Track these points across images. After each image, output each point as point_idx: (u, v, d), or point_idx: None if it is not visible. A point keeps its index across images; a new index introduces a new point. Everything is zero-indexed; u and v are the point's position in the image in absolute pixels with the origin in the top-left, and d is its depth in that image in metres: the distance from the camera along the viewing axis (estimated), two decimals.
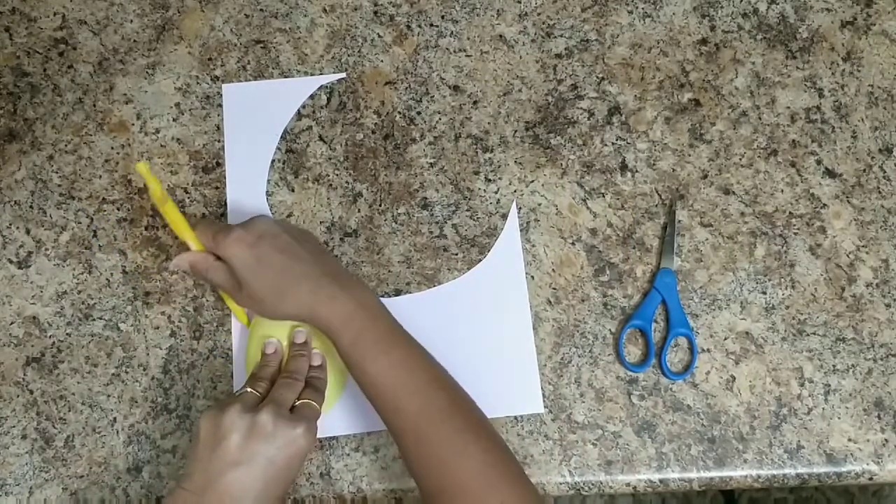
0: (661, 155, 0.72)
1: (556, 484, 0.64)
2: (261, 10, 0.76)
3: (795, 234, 0.70)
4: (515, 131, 0.73)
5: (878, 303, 0.68)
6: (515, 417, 0.65)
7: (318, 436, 0.64)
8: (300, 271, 0.59)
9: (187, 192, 0.71)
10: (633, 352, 0.67)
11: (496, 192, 0.71)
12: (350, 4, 0.77)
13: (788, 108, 0.74)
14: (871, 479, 0.65)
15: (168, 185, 0.71)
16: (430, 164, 0.72)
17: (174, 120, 0.73)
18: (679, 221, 0.70)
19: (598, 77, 0.74)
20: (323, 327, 0.58)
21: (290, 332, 0.64)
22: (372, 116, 0.73)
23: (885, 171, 0.72)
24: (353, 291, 0.59)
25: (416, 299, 0.68)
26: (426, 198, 0.71)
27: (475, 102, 0.74)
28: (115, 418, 0.65)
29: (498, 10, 0.76)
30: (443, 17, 0.76)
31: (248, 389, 0.58)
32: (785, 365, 0.67)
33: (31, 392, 0.66)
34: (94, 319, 0.68)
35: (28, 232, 0.70)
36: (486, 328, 0.67)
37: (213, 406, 0.57)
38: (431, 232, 0.70)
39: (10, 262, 0.69)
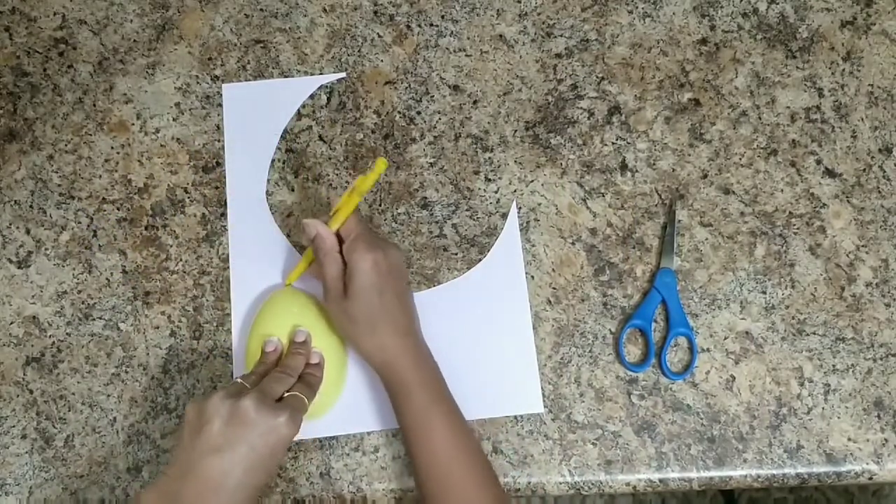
0: (661, 155, 0.72)
1: (556, 483, 0.64)
2: (261, 9, 0.76)
3: (795, 233, 0.70)
4: (515, 131, 0.73)
5: (877, 302, 0.68)
6: (515, 417, 0.65)
7: (319, 435, 0.64)
8: (400, 320, 0.60)
9: (187, 192, 0.71)
10: (632, 351, 0.67)
11: (496, 192, 0.71)
12: (350, 4, 0.77)
13: (788, 107, 0.74)
14: (870, 478, 0.65)
15: (168, 185, 0.71)
16: (430, 163, 0.72)
17: (174, 120, 0.73)
18: (679, 221, 0.70)
19: (598, 77, 0.74)
20: (395, 381, 0.59)
21: (290, 331, 0.64)
22: (372, 116, 0.73)
23: (884, 171, 0.72)
24: (431, 360, 0.61)
25: (416, 299, 0.68)
26: (426, 197, 0.71)
27: (475, 102, 0.74)
28: (115, 418, 0.65)
29: (498, 10, 0.76)
30: (443, 16, 0.76)
31: (238, 380, 0.58)
32: (785, 365, 0.67)
33: (31, 392, 0.66)
34: (94, 319, 0.68)
35: (28, 232, 0.70)
36: (486, 328, 0.67)
37: (200, 395, 0.57)
38: (431, 232, 0.70)
39: (10, 261, 0.69)
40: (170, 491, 0.53)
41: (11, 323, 0.68)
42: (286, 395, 0.58)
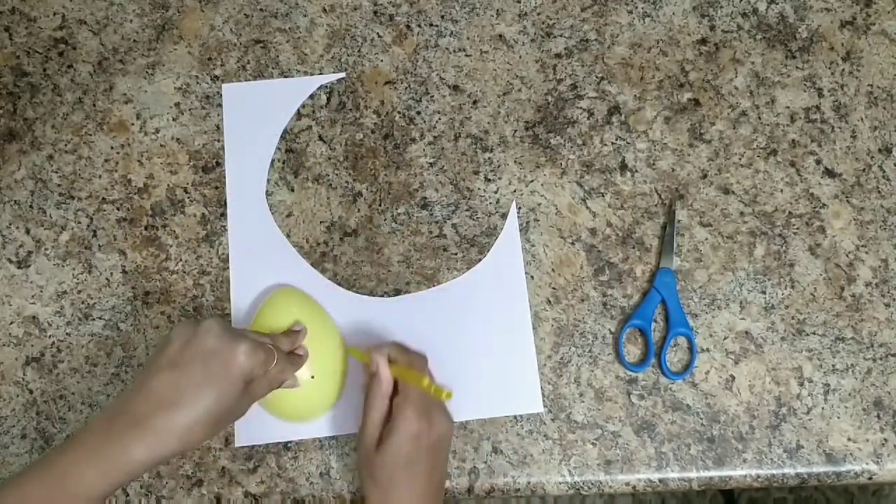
0: (660, 155, 0.72)
1: (555, 484, 0.64)
2: (261, 9, 0.76)
3: (795, 233, 0.70)
4: (515, 131, 0.73)
5: (877, 302, 0.68)
6: (515, 417, 0.65)
7: (318, 435, 0.64)
8: (416, 498, 0.56)
9: (187, 192, 0.71)
10: (632, 351, 0.67)
11: (496, 192, 0.71)
12: (350, 4, 0.77)
13: (788, 107, 0.74)
14: (870, 478, 0.65)
15: (168, 185, 0.71)
16: (430, 163, 0.72)
17: (174, 120, 0.73)
18: (678, 221, 0.70)
19: (597, 77, 0.74)
20: None
21: (290, 326, 0.64)
22: (372, 116, 0.73)
23: (884, 171, 0.72)
24: None
25: (416, 299, 0.68)
26: (426, 197, 0.71)
27: (475, 102, 0.74)
28: None
29: (498, 10, 0.76)
30: (442, 16, 0.76)
31: None
32: (784, 364, 0.67)
33: (31, 392, 0.66)
34: (93, 319, 0.68)
35: (28, 232, 0.70)
36: (486, 328, 0.67)
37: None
38: (431, 232, 0.70)
39: (10, 261, 0.69)
40: (121, 407, 0.51)
41: (11, 323, 0.68)
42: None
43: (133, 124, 0.73)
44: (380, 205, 0.71)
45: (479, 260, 0.69)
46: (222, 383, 0.53)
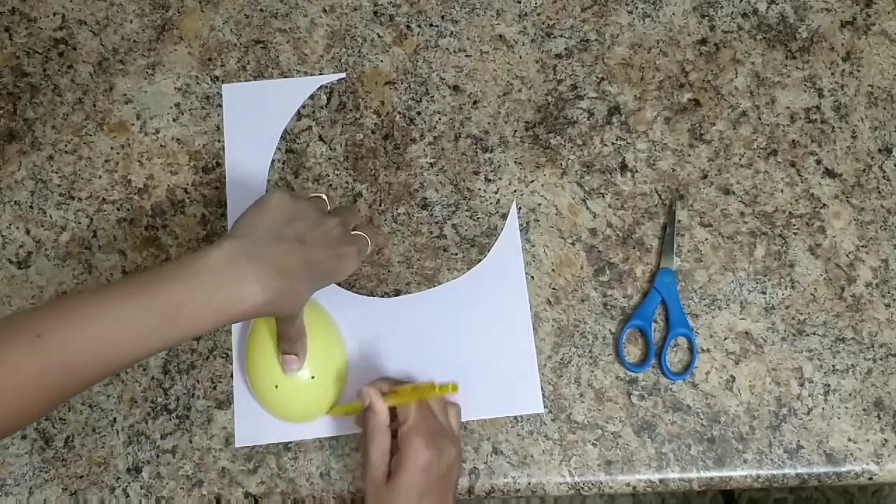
0: (660, 155, 0.72)
1: (556, 484, 0.64)
2: (261, 10, 0.76)
3: (795, 234, 0.70)
4: (515, 131, 0.73)
5: (877, 303, 0.68)
6: (515, 417, 0.65)
7: (319, 436, 0.64)
8: None
9: (187, 192, 0.71)
10: (632, 352, 0.67)
11: (496, 192, 0.71)
12: (350, 4, 0.77)
13: (788, 108, 0.74)
14: (870, 479, 0.65)
15: (168, 186, 0.71)
16: (430, 164, 0.72)
17: (174, 120, 0.73)
18: (679, 221, 0.70)
19: (597, 77, 0.74)
20: None
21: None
22: (372, 116, 0.73)
23: (884, 171, 0.72)
24: None
25: (415, 299, 0.68)
26: (426, 198, 0.71)
27: (475, 102, 0.74)
28: (114, 418, 0.65)
29: (498, 10, 0.76)
30: (443, 17, 0.76)
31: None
32: (785, 365, 0.67)
33: None
34: None
35: (28, 232, 0.70)
36: (486, 328, 0.67)
37: (283, 190, 0.57)
38: (431, 232, 0.70)
39: (10, 262, 0.69)
40: (245, 251, 0.51)
41: None
42: (353, 232, 0.60)
43: (133, 124, 0.73)
44: (380, 205, 0.71)
45: (480, 260, 0.69)
46: (331, 273, 0.57)
